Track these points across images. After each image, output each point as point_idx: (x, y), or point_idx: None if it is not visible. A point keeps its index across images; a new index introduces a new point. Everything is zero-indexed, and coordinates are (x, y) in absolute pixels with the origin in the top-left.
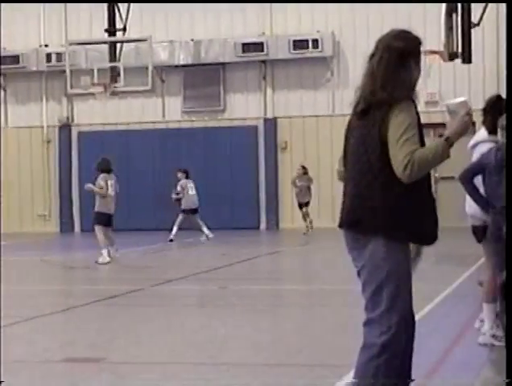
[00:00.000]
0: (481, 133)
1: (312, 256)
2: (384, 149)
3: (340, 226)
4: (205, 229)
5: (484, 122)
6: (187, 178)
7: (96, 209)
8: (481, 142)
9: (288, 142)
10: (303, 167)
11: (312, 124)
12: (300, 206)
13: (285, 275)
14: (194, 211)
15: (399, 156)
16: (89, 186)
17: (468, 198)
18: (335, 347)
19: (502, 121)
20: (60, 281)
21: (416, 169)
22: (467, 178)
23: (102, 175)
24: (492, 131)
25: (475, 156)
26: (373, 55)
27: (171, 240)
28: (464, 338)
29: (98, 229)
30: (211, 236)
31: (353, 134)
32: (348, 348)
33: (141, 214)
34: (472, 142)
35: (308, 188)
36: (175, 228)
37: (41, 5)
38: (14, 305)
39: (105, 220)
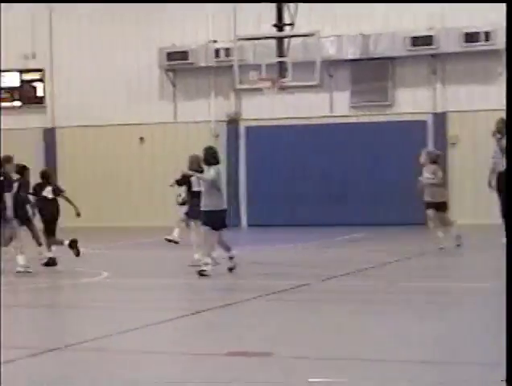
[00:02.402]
0: None
1: (483, 253)
2: None
3: None
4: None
5: None
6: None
7: None
8: None
9: (459, 137)
10: (429, 153)
11: (483, 118)
12: (428, 206)
13: (453, 272)
14: None
15: None
16: None
17: None
18: (496, 346)
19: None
20: (226, 276)
21: None
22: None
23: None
24: None
25: None
26: None
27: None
28: None
29: None
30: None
31: None
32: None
33: (304, 210)
34: None
35: (437, 185)
36: None
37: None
38: (178, 298)
39: None
